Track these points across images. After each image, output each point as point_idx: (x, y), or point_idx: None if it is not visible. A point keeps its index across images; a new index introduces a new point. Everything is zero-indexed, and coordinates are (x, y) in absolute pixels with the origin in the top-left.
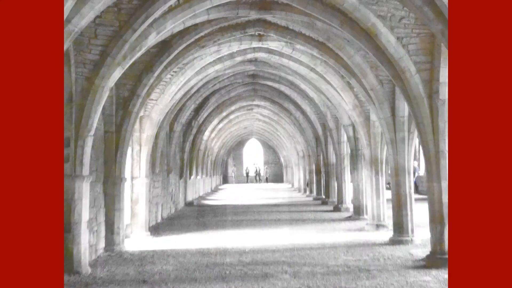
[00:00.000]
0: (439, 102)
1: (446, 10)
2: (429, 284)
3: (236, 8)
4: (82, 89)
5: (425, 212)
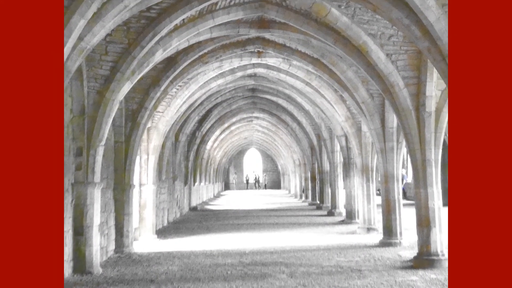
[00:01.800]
0: (425, 114)
1: (432, 28)
2: (416, 283)
3: (237, 27)
4: (94, 102)
5: (413, 217)
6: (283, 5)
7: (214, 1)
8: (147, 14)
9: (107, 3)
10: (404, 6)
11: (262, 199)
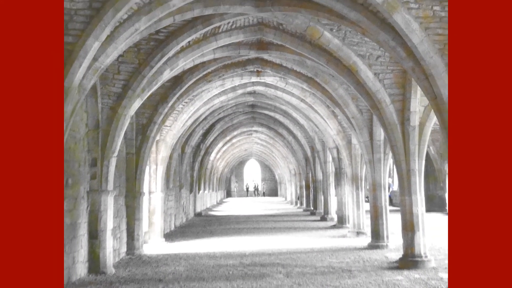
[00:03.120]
0: (410, 128)
1: (416, 49)
2: (401, 282)
3: (238, 48)
4: (107, 117)
5: (398, 222)
6: (280, 29)
7: (217, 25)
8: (156, 37)
9: (119, 27)
10: (390, 30)
11: (260, 205)
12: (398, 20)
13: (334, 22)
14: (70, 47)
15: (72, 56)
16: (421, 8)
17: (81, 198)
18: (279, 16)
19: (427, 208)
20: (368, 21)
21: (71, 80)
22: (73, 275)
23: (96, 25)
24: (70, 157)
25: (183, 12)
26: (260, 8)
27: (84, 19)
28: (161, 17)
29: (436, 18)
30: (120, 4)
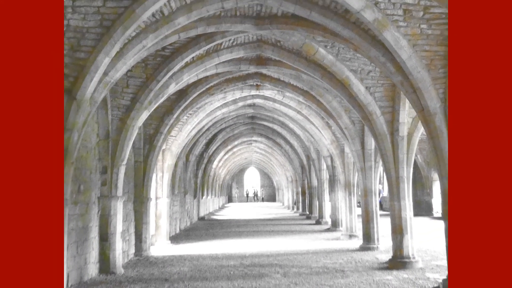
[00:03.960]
0: (399, 138)
1: (404, 65)
2: (391, 282)
3: (239, 64)
4: (117, 128)
5: (388, 225)
6: (278, 45)
7: (219, 42)
8: (162, 53)
9: (128, 44)
10: (380, 46)
11: (260, 210)
12: (388, 37)
13: (328, 39)
14: (82, 62)
15: (84, 71)
16: (409, 26)
17: (93, 203)
18: (277, 33)
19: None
20: (360, 38)
21: (83, 93)
22: (85, 275)
23: (106, 42)
24: (82, 165)
25: (187, 30)
26: (259, 26)
27: (95, 36)
28: (167, 35)
29: (423, 35)
30: (129, 22)
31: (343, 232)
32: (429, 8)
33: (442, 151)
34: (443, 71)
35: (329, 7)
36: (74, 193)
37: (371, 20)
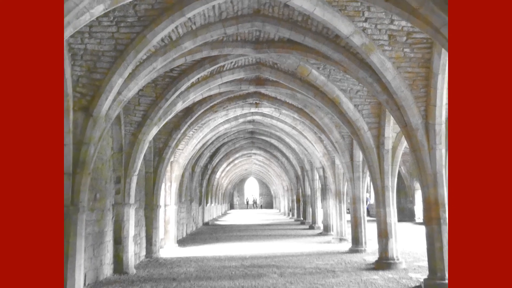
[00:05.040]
0: (384, 151)
1: (389, 85)
2: (377, 281)
3: (240, 84)
4: (129, 142)
5: (374, 230)
6: (275, 67)
7: (221, 64)
8: (170, 74)
9: (140, 66)
10: (368, 68)
11: (258, 216)
12: (374, 60)
13: (321, 62)
14: (98, 82)
15: (100, 90)
16: (394, 50)
17: (107, 210)
18: (274, 56)
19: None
20: (349, 61)
21: (99, 111)
22: (101, 275)
23: (120, 64)
24: (98, 175)
25: (193, 53)
26: (258, 50)
27: (109, 59)
28: (174, 58)
29: (406, 58)
30: (140, 46)
31: (334, 236)
32: (411, 33)
33: (423, 162)
34: (424, 91)
35: (321, 33)
36: (90, 200)
37: (359, 44)
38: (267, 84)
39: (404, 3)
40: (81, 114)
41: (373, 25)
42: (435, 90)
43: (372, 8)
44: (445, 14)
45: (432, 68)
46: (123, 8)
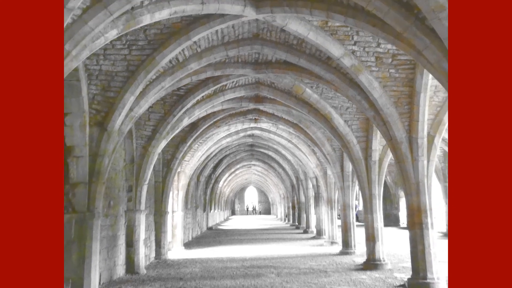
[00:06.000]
0: (371, 162)
1: (376, 102)
2: (365, 280)
3: (240, 101)
4: (140, 154)
5: (363, 234)
6: (273, 86)
7: (224, 83)
8: (177, 92)
9: (150, 85)
10: (357, 87)
11: (257, 222)
12: (363, 79)
13: (314, 81)
14: (112, 100)
15: (113, 107)
16: (380, 71)
17: (120, 216)
18: (271, 76)
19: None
20: (339, 81)
21: (113, 126)
22: (114, 274)
23: (131, 84)
24: (112, 184)
25: (198, 73)
26: (257, 71)
27: (122, 79)
28: (181, 78)
29: (391, 78)
30: (150, 67)
31: (326, 239)
32: (396, 55)
33: (407, 173)
34: (408, 107)
35: (315, 55)
36: (105, 207)
37: (349, 65)
38: (265, 102)
39: (389, 28)
40: (96, 128)
41: (362, 48)
42: (418, 107)
43: (361, 32)
44: (426, 38)
45: (415, 87)
46: (134, 33)
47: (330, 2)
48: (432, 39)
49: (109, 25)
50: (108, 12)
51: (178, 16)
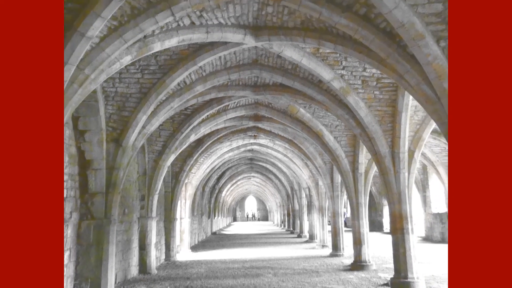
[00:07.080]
0: (358, 174)
1: (362, 121)
2: (352, 280)
3: (241, 120)
4: (152, 167)
5: (350, 238)
6: (270, 106)
7: (226, 104)
8: (185, 112)
9: (160, 105)
10: (345, 107)
11: (256, 227)
12: (350, 100)
13: (307, 102)
14: (126, 119)
15: (128, 125)
16: (366, 92)
17: (134, 222)
18: (269, 97)
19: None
20: (329, 101)
21: (127, 142)
22: (129, 274)
23: (144, 104)
24: (126, 194)
25: (203, 95)
26: (256, 92)
27: (136, 100)
28: (188, 99)
29: (376, 99)
30: (161, 89)
31: (317, 243)
32: (380, 79)
33: (390, 184)
34: (391, 125)
35: (307, 78)
36: (120, 214)
37: (338, 88)
38: (263, 120)
39: (374, 55)
40: (112, 144)
41: (349, 72)
42: (400, 125)
43: (349, 58)
44: (407, 63)
45: (397, 107)
46: (146, 58)
47: (322, 31)
48: (412, 65)
49: (124, 52)
50: (123, 40)
51: (185, 44)
